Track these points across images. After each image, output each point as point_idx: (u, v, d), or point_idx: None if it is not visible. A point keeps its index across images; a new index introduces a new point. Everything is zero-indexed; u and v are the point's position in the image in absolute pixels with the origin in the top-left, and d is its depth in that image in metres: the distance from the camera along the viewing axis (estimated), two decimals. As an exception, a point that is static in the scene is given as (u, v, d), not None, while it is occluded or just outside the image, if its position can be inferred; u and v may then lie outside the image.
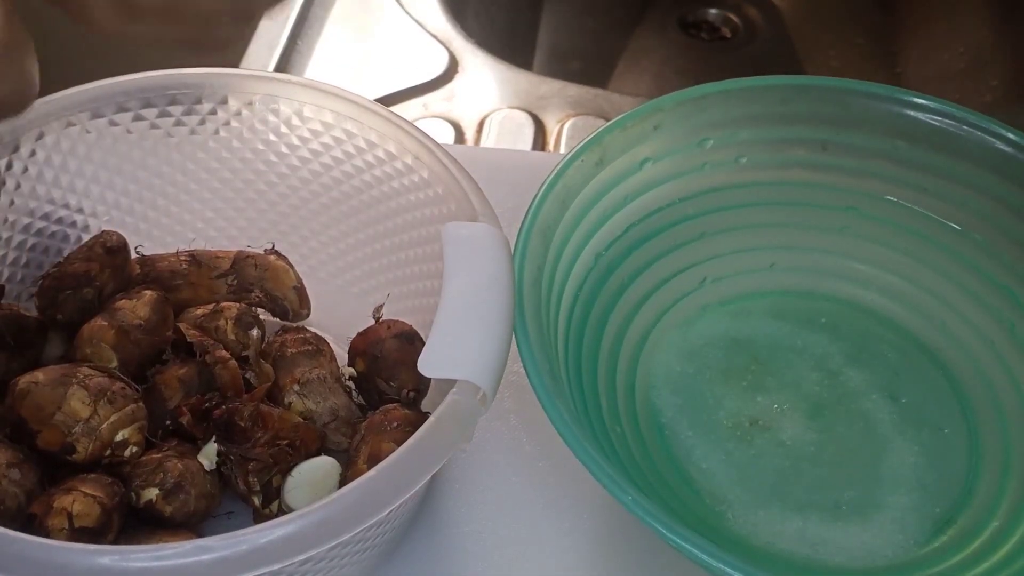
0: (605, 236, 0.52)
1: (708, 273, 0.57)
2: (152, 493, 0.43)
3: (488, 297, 0.41)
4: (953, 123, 0.53)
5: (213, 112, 0.52)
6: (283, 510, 0.45)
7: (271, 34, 0.78)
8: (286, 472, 0.45)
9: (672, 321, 0.56)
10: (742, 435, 0.51)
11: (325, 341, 0.51)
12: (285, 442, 0.45)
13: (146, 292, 0.49)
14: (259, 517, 0.45)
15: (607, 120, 0.52)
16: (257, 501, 0.45)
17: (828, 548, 0.47)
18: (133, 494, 0.43)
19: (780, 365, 0.55)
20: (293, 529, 0.34)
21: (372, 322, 0.50)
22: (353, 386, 0.50)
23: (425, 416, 0.40)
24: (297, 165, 0.53)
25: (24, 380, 0.44)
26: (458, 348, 0.39)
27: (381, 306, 0.51)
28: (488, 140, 0.73)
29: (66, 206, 0.52)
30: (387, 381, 0.48)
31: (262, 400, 0.47)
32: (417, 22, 0.82)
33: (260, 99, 0.51)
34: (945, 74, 0.86)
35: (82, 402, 0.43)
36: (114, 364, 0.46)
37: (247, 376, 0.48)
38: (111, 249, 0.50)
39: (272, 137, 0.52)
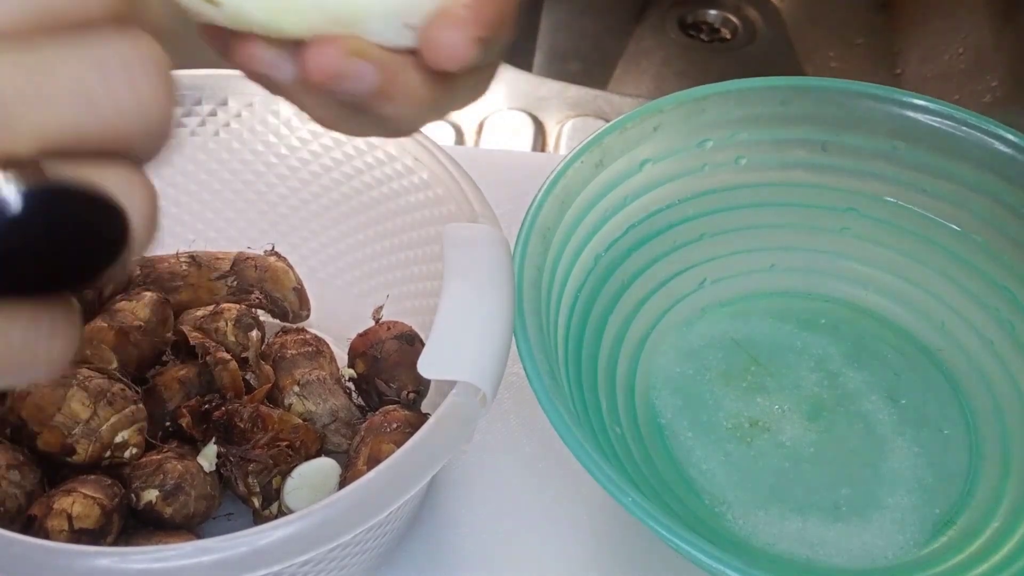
0: (605, 237, 0.52)
1: (708, 274, 0.57)
2: (152, 494, 0.43)
3: (488, 298, 0.41)
4: (953, 124, 0.53)
5: (213, 114, 0.52)
6: (283, 511, 0.45)
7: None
8: (286, 473, 0.45)
9: (672, 322, 0.56)
10: (742, 436, 0.51)
11: (325, 342, 0.51)
12: (285, 443, 0.45)
13: (146, 293, 0.49)
14: (259, 518, 0.45)
15: (607, 121, 0.52)
16: (257, 502, 0.45)
17: (828, 549, 0.47)
18: (133, 495, 0.43)
19: (780, 366, 0.55)
20: (293, 531, 0.34)
21: (372, 323, 0.50)
22: (353, 387, 0.50)
23: (425, 417, 0.40)
24: (297, 167, 0.53)
25: (24, 381, 0.43)
26: (458, 349, 0.39)
27: (381, 307, 0.51)
28: (488, 141, 0.73)
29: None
30: (387, 382, 0.48)
31: (262, 401, 0.47)
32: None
33: (260, 100, 0.51)
34: (945, 74, 0.86)
35: (82, 403, 0.43)
36: (114, 365, 0.46)
37: (247, 377, 0.48)
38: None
39: (272, 139, 0.52)
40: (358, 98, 0.27)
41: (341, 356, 0.52)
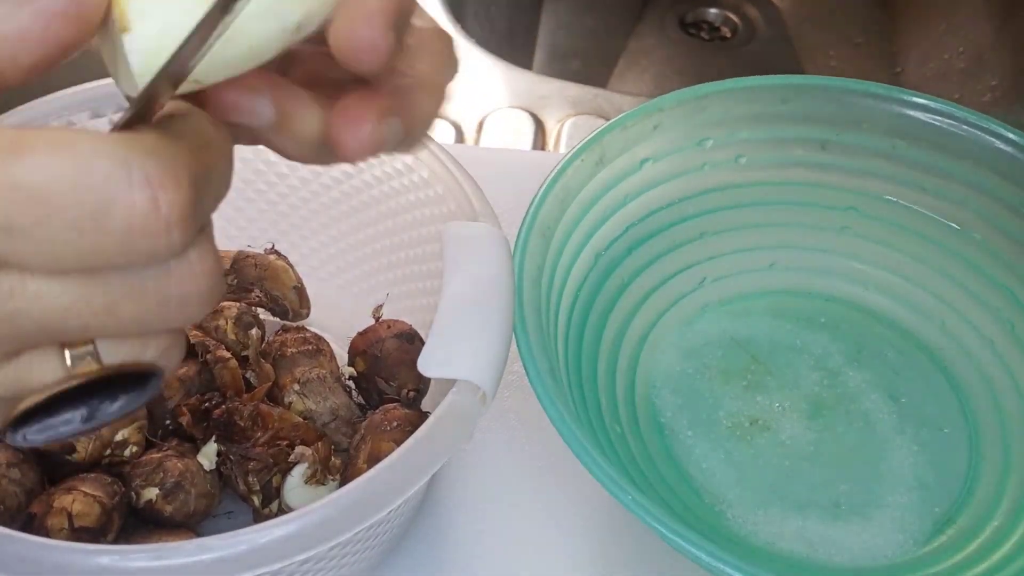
0: (605, 236, 0.52)
1: (708, 273, 0.57)
2: (152, 493, 0.43)
3: (488, 297, 0.41)
4: (953, 123, 0.53)
5: (213, 112, 0.52)
6: (283, 510, 0.45)
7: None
8: (286, 472, 0.45)
9: (672, 321, 0.56)
10: (742, 435, 0.51)
11: (325, 341, 0.51)
12: (285, 442, 0.45)
13: (146, 292, 0.49)
14: (259, 517, 0.45)
15: (607, 120, 0.52)
16: (257, 501, 0.45)
17: (828, 548, 0.47)
18: (133, 494, 0.43)
19: (780, 365, 0.55)
20: (293, 529, 0.34)
21: (372, 322, 0.50)
22: (353, 386, 0.50)
23: (425, 416, 0.40)
24: (297, 165, 0.53)
25: (24, 380, 0.43)
26: (458, 348, 0.39)
27: (381, 306, 0.51)
28: (488, 140, 0.73)
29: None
30: (387, 381, 0.48)
31: (262, 400, 0.47)
32: (417, 22, 0.82)
33: (260, 99, 0.51)
34: (945, 74, 0.87)
35: (82, 402, 0.43)
36: (114, 364, 0.46)
37: (247, 376, 0.48)
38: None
39: (272, 137, 0.52)
40: None
41: (341, 354, 0.52)
